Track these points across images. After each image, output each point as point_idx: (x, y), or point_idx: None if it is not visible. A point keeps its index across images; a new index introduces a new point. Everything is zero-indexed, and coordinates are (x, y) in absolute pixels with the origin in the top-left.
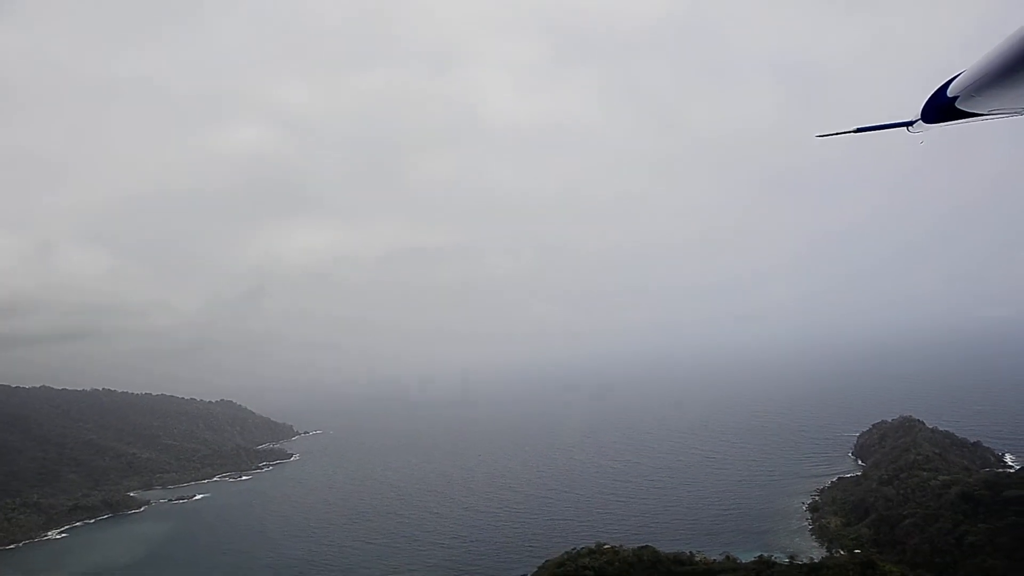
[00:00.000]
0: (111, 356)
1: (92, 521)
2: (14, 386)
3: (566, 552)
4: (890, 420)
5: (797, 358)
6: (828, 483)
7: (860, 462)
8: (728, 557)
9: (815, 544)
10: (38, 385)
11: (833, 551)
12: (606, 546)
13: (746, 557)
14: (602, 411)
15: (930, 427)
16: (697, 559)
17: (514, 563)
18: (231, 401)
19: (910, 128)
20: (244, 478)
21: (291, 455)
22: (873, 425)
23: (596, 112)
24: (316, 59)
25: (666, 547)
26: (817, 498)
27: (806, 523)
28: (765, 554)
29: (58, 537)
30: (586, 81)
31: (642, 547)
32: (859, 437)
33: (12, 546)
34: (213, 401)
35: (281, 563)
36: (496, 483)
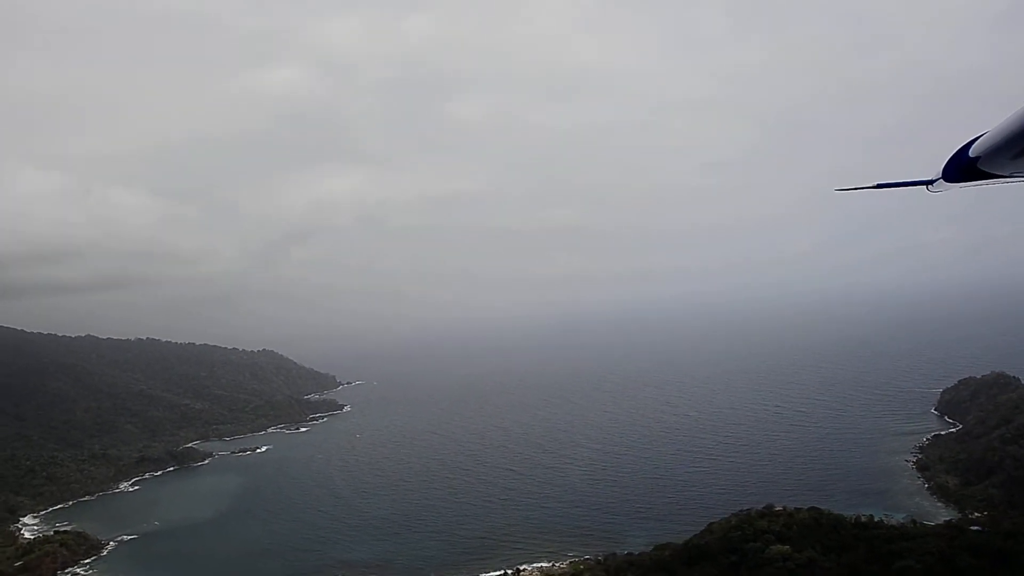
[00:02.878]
0: (152, 305)
1: (159, 473)
2: (60, 335)
3: (734, 514)
4: (979, 376)
5: (829, 309)
6: (925, 440)
7: (948, 419)
8: (915, 522)
9: (940, 505)
10: (83, 334)
11: (967, 513)
12: (777, 508)
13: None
14: (655, 365)
15: None
16: (877, 522)
17: (624, 525)
18: (273, 351)
19: (930, 187)
20: (302, 430)
21: (343, 406)
22: (960, 381)
23: (642, 56)
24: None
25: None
26: (921, 456)
27: (920, 482)
28: (954, 519)
29: (131, 489)
30: (635, 26)
31: (811, 508)
32: (943, 393)
33: (87, 497)
34: (256, 351)
35: (368, 523)
36: (561, 439)
